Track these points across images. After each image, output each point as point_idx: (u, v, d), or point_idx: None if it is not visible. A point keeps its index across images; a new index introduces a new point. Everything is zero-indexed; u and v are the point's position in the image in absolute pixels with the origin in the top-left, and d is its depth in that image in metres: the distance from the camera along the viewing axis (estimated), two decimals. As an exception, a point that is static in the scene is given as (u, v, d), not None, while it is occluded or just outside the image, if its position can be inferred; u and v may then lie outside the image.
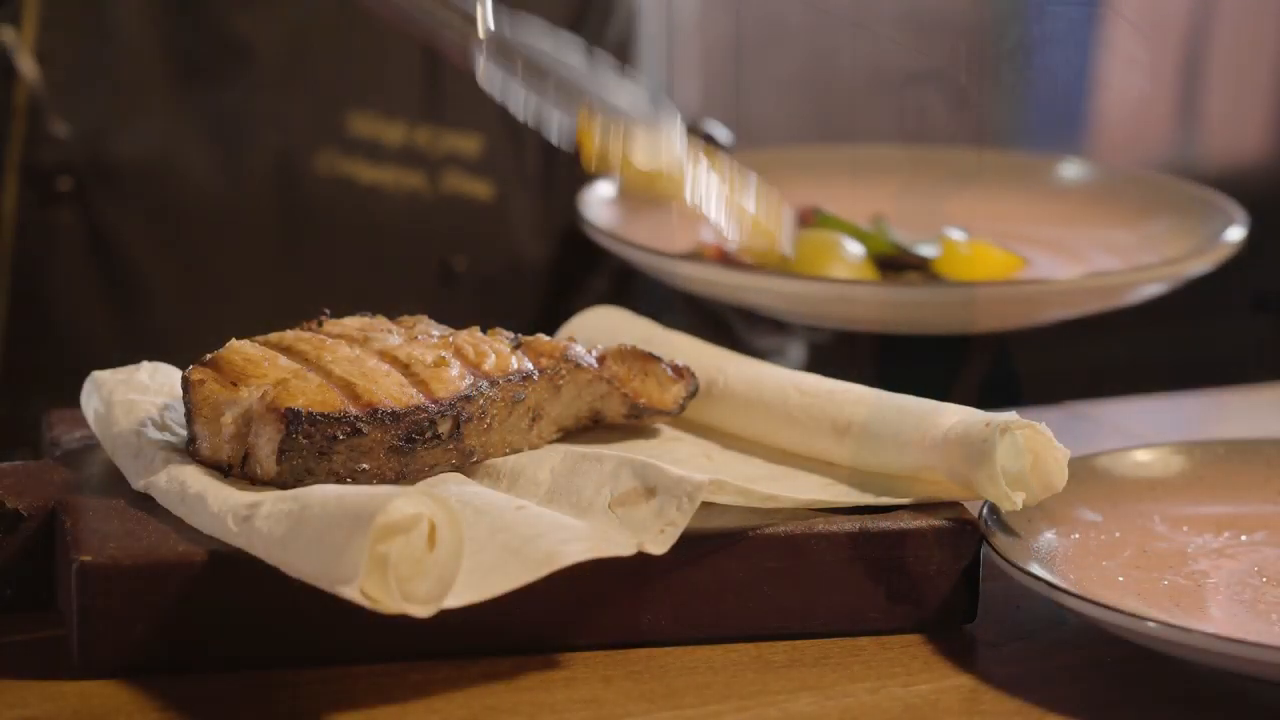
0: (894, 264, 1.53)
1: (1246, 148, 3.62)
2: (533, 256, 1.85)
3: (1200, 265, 1.50)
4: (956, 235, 1.56)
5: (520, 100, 1.21)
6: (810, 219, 1.60)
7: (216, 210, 1.76)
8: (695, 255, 1.53)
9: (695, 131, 1.69)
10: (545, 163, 1.88)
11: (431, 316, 1.20)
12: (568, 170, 1.86)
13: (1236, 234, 1.54)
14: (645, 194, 1.15)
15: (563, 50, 1.22)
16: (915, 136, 1.79)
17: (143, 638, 1.05)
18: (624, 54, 1.91)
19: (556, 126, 1.19)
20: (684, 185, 1.15)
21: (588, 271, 1.81)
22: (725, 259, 1.52)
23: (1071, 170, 1.71)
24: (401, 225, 1.80)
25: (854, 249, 1.52)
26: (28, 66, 1.71)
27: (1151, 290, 1.49)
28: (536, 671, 1.08)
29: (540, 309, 1.86)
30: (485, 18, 1.23)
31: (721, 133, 1.70)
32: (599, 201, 1.60)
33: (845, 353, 1.48)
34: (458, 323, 1.20)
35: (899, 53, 3.44)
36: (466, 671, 1.07)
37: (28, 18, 1.72)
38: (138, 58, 1.74)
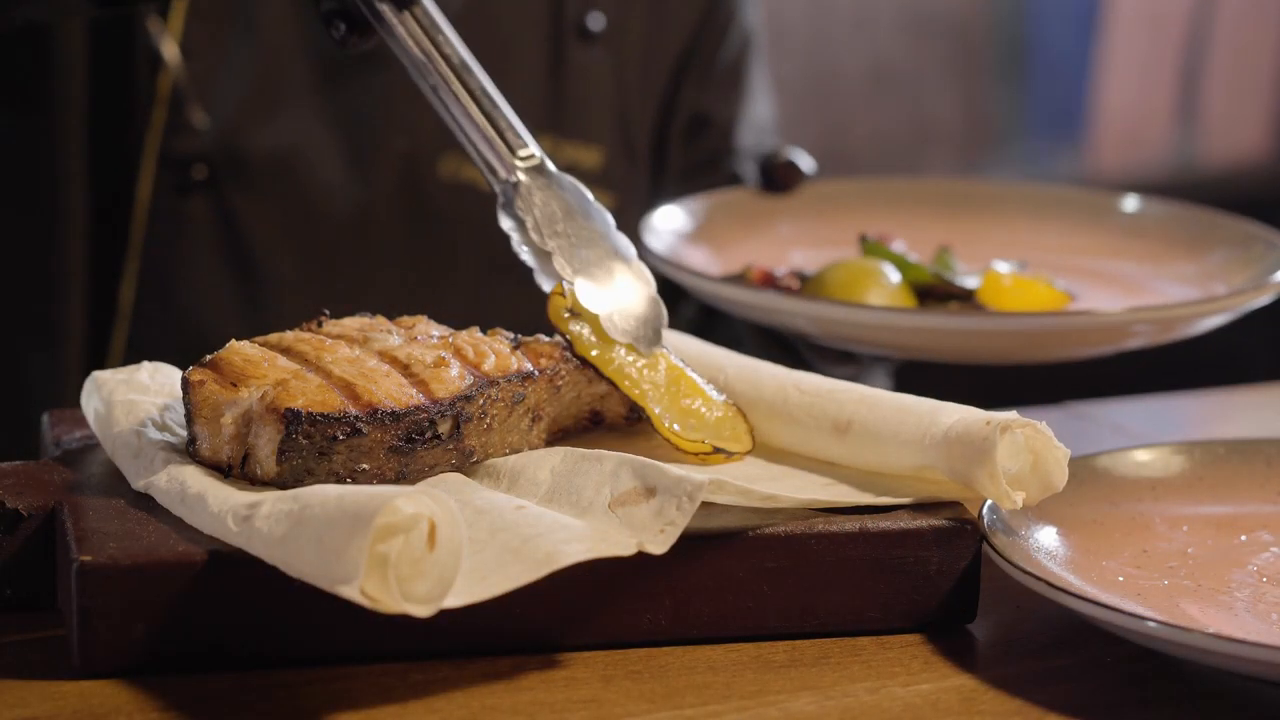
0: (937, 294, 1.53)
1: (1246, 148, 3.63)
2: None
3: (1244, 302, 1.48)
4: (1003, 268, 1.56)
5: (522, 243, 1.25)
6: (859, 246, 1.61)
7: (344, 208, 1.79)
8: (739, 278, 1.54)
9: (777, 158, 1.71)
10: (654, 179, 1.90)
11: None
12: (674, 188, 1.88)
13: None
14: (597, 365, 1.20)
15: (581, 214, 1.26)
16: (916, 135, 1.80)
17: (143, 638, 1.05)
18: (736, 75, 1.92)
19: (548, 277, 1.24)
20: (624, 373, 1.19)
21: (678, 298, 1.83)
22: (769, 282, 1.53)
23: (1132, 205, 1.71)
24: None
25: (894, 277, 1.52)
26: (172, 56, 1.73)
27: (1207, 324, 1.48)
28: (536, 671, 1.08)
29: None
30: (516, 167, 1.29)
31: (806, 162, 1.71)
32: (658, 225, 1.61)
33: (913, 382, 1.48)
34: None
35: (899, 53, 3.44)
36: (466, 671, 1.07)
37: (175, 9, 1.76)
38: (278, 56, 1.77)
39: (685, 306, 1.84)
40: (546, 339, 1.22)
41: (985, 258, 1.62)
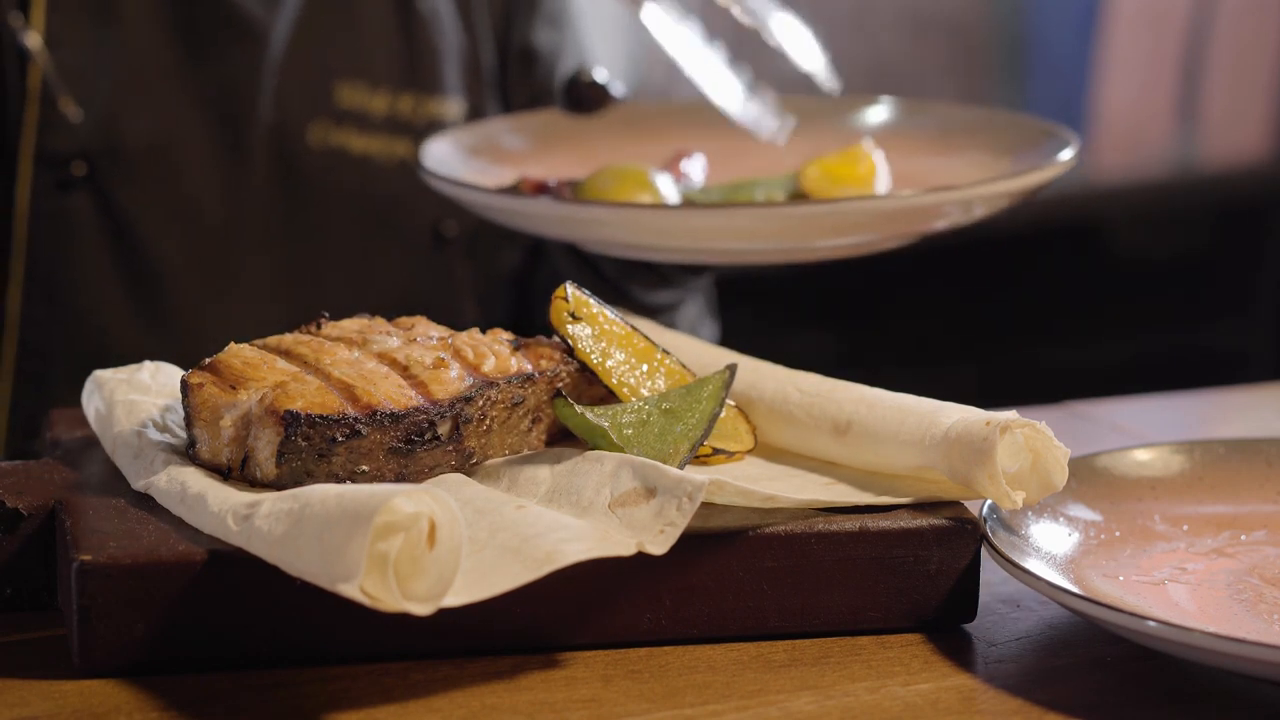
0: None
1: (1246, 148, 3.62)
2: None
3: (1032, 180, 1.43)
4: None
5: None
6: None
7: (221, 186, 1.77)
8: (513, 189, 1.52)
9: (583, 77, 1.68)
10: None
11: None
12: None
13: (1068, 154, 1.47)
14: None
15: None
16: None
17: (143, 638, 1.05)
18: (556, 2, 1.91)
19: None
20: (624, 381, 1.19)
21: (501, 242, 1.83)
22: (542, 190, 1.51)
23: (878, 114, 1.68)
24: (393, 192, 1.82)
25: (660, 178, 1.52)
26: (37, 50, 1.71)
27: (983, 210, 1.43)
28: (536, 671, 1.08)
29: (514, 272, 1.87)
30: None
31: (614, 83, 1.68)
32: (439, 149, 1.59)
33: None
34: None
35: (899, 53, 3.44)
36: (466, 671, 1.07)
37: (36, 3, 1.72)
38: (143, 40, 1.75)
39: (509, 251, 1.84)
40: (547, 341, 1.22)
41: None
